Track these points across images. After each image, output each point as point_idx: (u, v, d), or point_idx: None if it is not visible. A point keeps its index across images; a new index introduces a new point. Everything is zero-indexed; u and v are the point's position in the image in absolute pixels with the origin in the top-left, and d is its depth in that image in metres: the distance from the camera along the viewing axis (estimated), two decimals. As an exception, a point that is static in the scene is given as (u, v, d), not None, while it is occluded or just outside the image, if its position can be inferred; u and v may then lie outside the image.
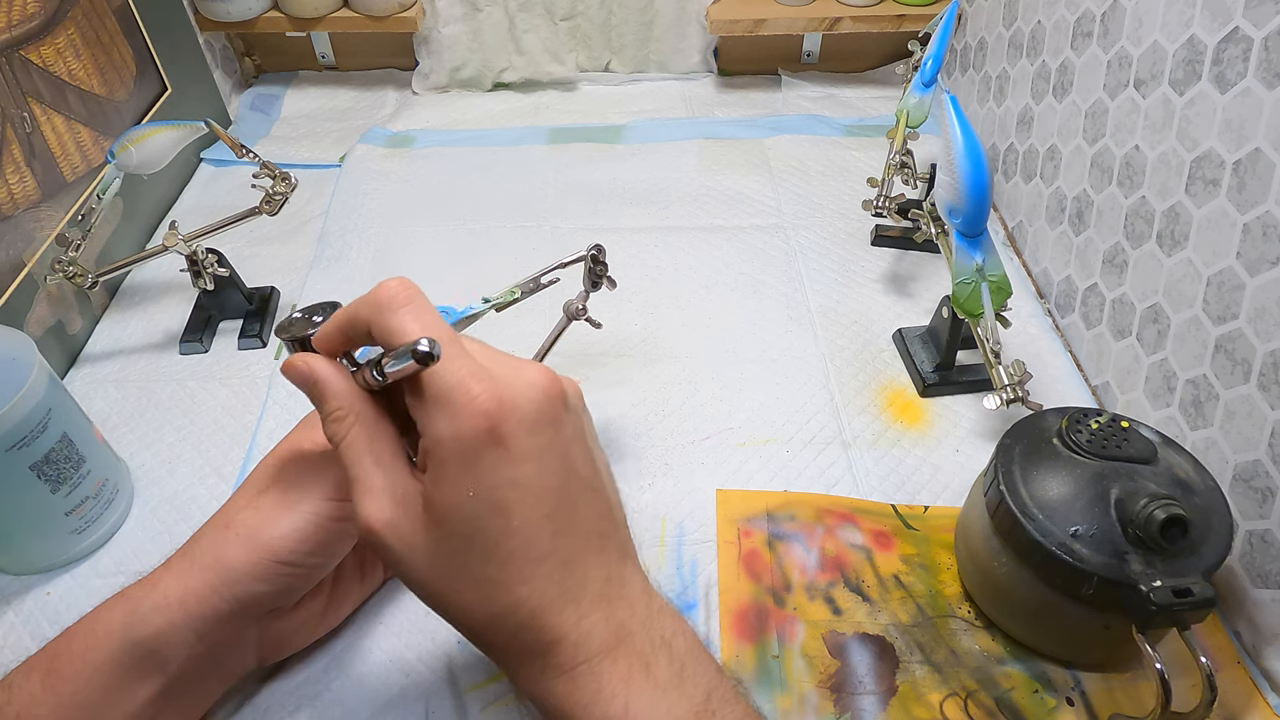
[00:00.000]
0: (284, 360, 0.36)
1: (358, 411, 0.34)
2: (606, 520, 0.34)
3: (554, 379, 0.33)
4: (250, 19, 0.91)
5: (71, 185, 0.67)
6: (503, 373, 0.32)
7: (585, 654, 0.32)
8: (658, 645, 0.33)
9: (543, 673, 0.33)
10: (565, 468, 0.32)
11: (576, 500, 0.33)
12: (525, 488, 0.31)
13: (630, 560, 0.35)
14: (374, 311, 0.33)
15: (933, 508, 0.54)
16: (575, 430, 0.34)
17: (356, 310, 0.34)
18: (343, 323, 0.35)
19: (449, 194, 0.83)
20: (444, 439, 0.31)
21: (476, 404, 0.30)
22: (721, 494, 0.55)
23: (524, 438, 0.31)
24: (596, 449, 0.35)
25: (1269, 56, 0.45)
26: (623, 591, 0.34)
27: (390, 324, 0.32)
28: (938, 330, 0.62)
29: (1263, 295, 0.46)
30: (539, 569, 0.32)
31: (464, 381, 0.31)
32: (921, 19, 0.90)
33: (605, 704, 0.32)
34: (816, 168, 0.85)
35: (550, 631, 0.32)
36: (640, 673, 0.32)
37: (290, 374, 0.35)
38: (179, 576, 0.38)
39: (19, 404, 0.45)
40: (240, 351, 0.67)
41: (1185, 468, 0.44)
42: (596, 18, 0.96)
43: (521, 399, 0.31)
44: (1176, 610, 0.39)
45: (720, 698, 0.33)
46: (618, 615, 0.33)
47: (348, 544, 0.42)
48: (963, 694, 0.45)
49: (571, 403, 0.34)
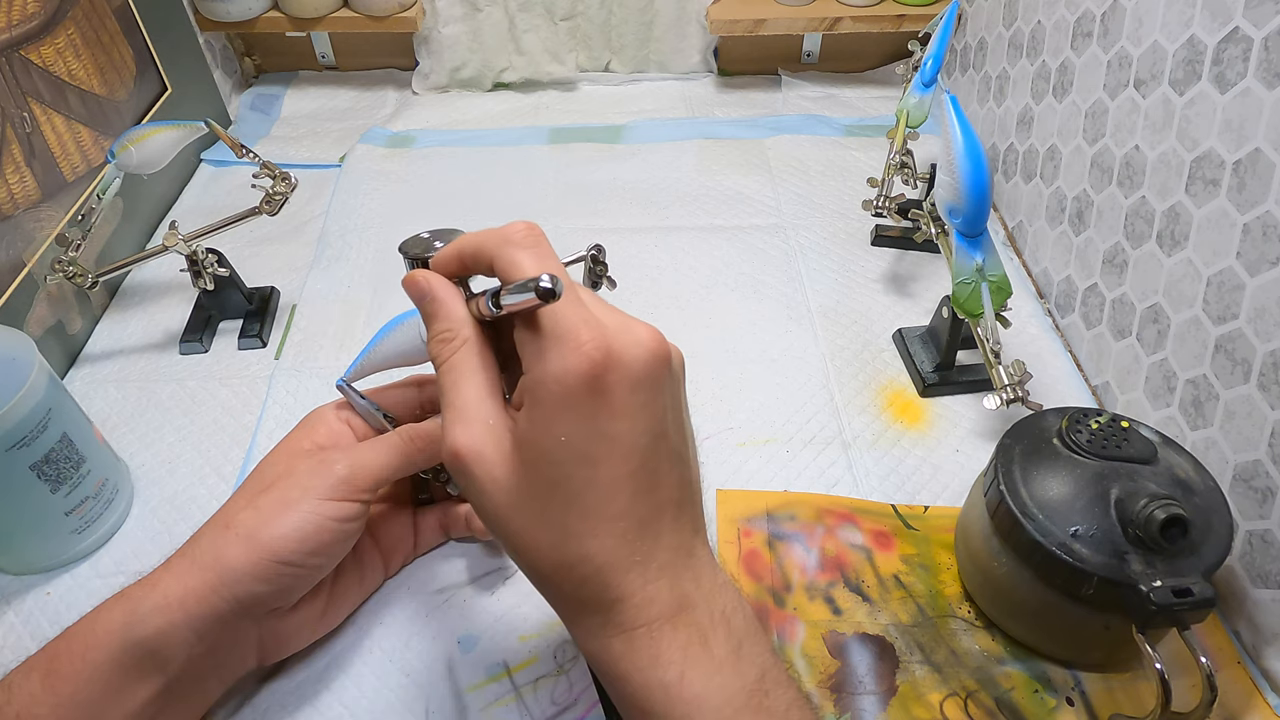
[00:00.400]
0: (406, 274, 0.36)
1: (466, 336, 0.34)
2: (685, 490, 0.34)
3: (663, 341, 0.33)
4: (250, 19, 0.91)
5: (71, 185, 0.67)
6: (614, 325, 0.32)
7: (646, 617, 0.32)
8: (717, 620, 0.33)
9: (602, 629, 0.33)
10: (658, 430, 0.32)
11: (661, 465, 0.33)
12: (617, 442, 0.31)
13: (701, 534, 0.35)
14: (500, 245, 0.33)
15: (933, 508, 0.54)
16: (674, 396, 0.34)
17: (482, 241, 0.34)
18: (466, 249, 0.35)
19: (449, 194, 0.83)
20: (548, 379, 0.31)
21: (584, 350, 0.30)
22: (721, 494, 0.55)
23: (625, 393, 0.31)
24: (688, 420, 0.35)
25: (1269, 56, 0.45)
26: (690, 562, 0.34)
27: (515, 258, 0.33)
28: (938, 330, 0.62)
29: (1263, 295, 0.46)
30: (614, 525, 0.32)
31: (576, 326, 0.31)
32: (921, 19, 0.90)
33: (661, 670, 0.32)
34: (816, 168, 0.85)
35: (615, 590, 0.32)
36: (698, 644, 0.32)
37: (410, 287, 0.36)
38: (179, 576, 0.38)
39: (19, 404, 0.45)
40: (240, 351, 0.67)
41: (1185, 468, 0.44)
42: (596, 18, 0.96)
43: (629, 354, 0.31)
44: (1176, 610, 0.39)
45: (774, 679, 0.33)
46: (683, 585, 0.33)
47: (348, 544, 0.42)
48: (963, 694, 0.45)
49: (675, 369, 0.34)
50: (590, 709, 0.44)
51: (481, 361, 0.34)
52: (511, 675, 0.46)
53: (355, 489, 0.41)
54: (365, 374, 0.48)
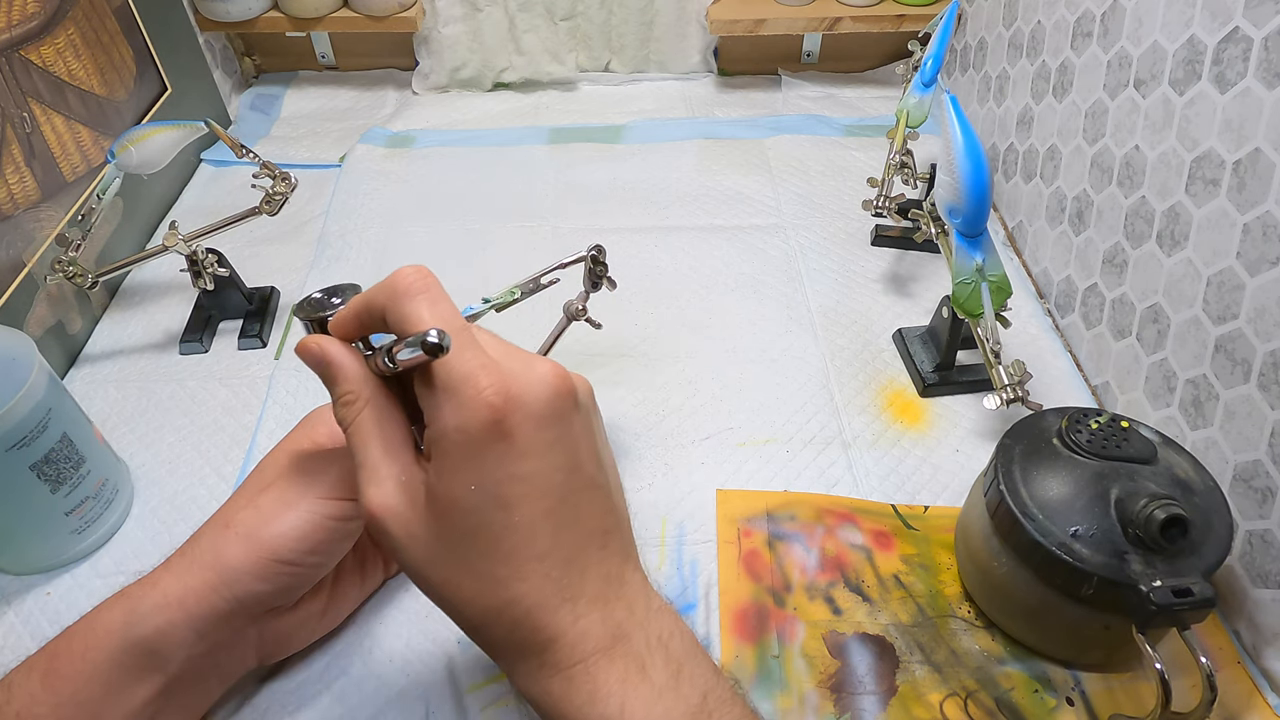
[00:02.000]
0: (299, 340, 0.36)
1: (367, 397, 0.34)
2: (609, 519, 0.34)
3: (564, 375, 0.33)
4: (250, 19, 0.91)
5: (71, 185, 0.67)
6: (513, 366, 0.32)
7: (581, 654, 0.32)
8: (654, 646, 0.33)
9: (539, 670, 0.32)
10: (570, 465, 0.32)
11: (580, 498, 0.33)
12: (529, 483, 0.31)
13: (631, 560, 0.35)
14: (389, 298, 0.33)
15: (933, 508, 0.54)
16: (583, 428, 0.33)
17: (373, 296, 0.34)
18: (359, 308, 0.35)
19: (449, 194, 0.83)
20: (449, 430, 0.31)
21: (483, 396, 0.30)
22: (721, 494, 0.55)
23: (530, 433, 0.31)
24: (604, 447, 0.35)
25: (1269, 56, 0.45)
26: (621, 592, 0.34)
27: (405, 311, 0.32)
28: (938, 330, 0.62)
29: (1263, 295, 0.46)
30: (538, 566, 0.32)
31: (473, 373, 0.31)
32: (921, 19, 0.90)
33: (601, 704, 0.31)
34: (816, 168, 0.85)
35: (546, 630, 0.32)
36: (636, 674, 0.32)
37: (304, 355, 0.35)
38: (178, 575, 0.38)
39: (19, 404, 0.45)
40: (240, 351, 0.67)
41: (1185, 468, 0.44)
42: (596, 18, 0.96)
43: (530, 394, 0.31)
44: (1176, 610, 0.39)
45: (717, 699, 0.33)
46: (615, 615, 0.33)
47: (347, 543, 0.42)
48: (963, 694, 0.45)
49: (581, 400, 0.34)
50: (590, 709, 0.44)
51: (387, 419, 0.34)
52: (511, 675, 0.46)
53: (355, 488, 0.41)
54: None
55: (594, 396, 0.35)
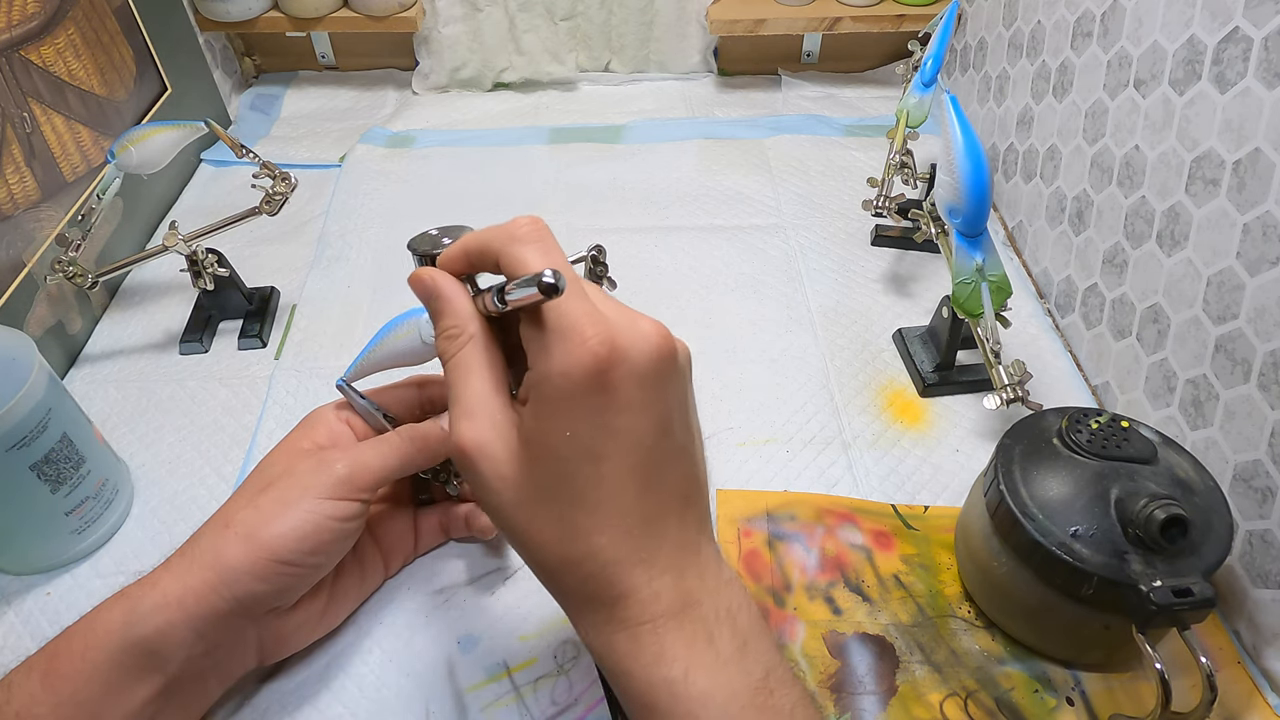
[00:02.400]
0: (411, 271, 0.36)
1: (471, 333, 0.34)
2: (691, 486, 0.34)
3: (668, 336, 0.33)
4: (250, 19, 0.91)
5: (71, 185, 0.67)
6: (620, 321, 0.32)
7: (651, 613, 0.32)
8: (723, 617, 0.33)
9: (607, 624, 0.33)
10: (663, 426, 0.32)
11: (667, 462, 0.33)
12: (623, 438, 0.31)
13: (706, 531, 0.35)
14: (505, 241, 0.33)
15: (933, 508, 0.54)
16: (680, 392, 0.34)
17: (488, 238, 0.34)
18: (471, 246, 0.35)
19: (449, 194, 0.83)
20: (552, 374, 0.31)
21: (589, 345, 0.30)
22: (721, 494, 0.55)
23: (630, 388, 0.31)
24: (695, 416, 0.35)
25: (1269, 56, 0.45)
26: (696, 559, 0.33)
27: (520, 254, 0.33)
28: (938, 330, 0.62)
29: (1263, 295, 0.46)
30: (620, 521, 0.32)
31: (580, 321, 0.31)
32: (921, 19, 0.90)
33: (666, 666, 0.31)
34: (816, 168, 0.85)
35: (620, 586, 0.32)
36: (703, 641, 0.32)
37: (416, 285, 0.36)
38: (178, 576, 0.38)
39: (19, 404, 0.45)
40: (240, 351, 0.67)
41: (1185, 468, 0.44)
42: (596, 18, 0.96)
43: (634, 349, 0.31)
44: (1176, 610, 0.39)
45: (779, 678, 0.33)
46: (688, 581, 0.33)
47: (347, 543, 0.42)
48: (963, 694, 0.45)
49: (681, 364, 0.34)
50: (591, 709, 0.44)
51: (488, 357, 0.34)
52: (511, 675, 0.46)
53: (355, 489, 0.41)
54: (365, 374, 0.48)
55: (691, 364, 0.35)
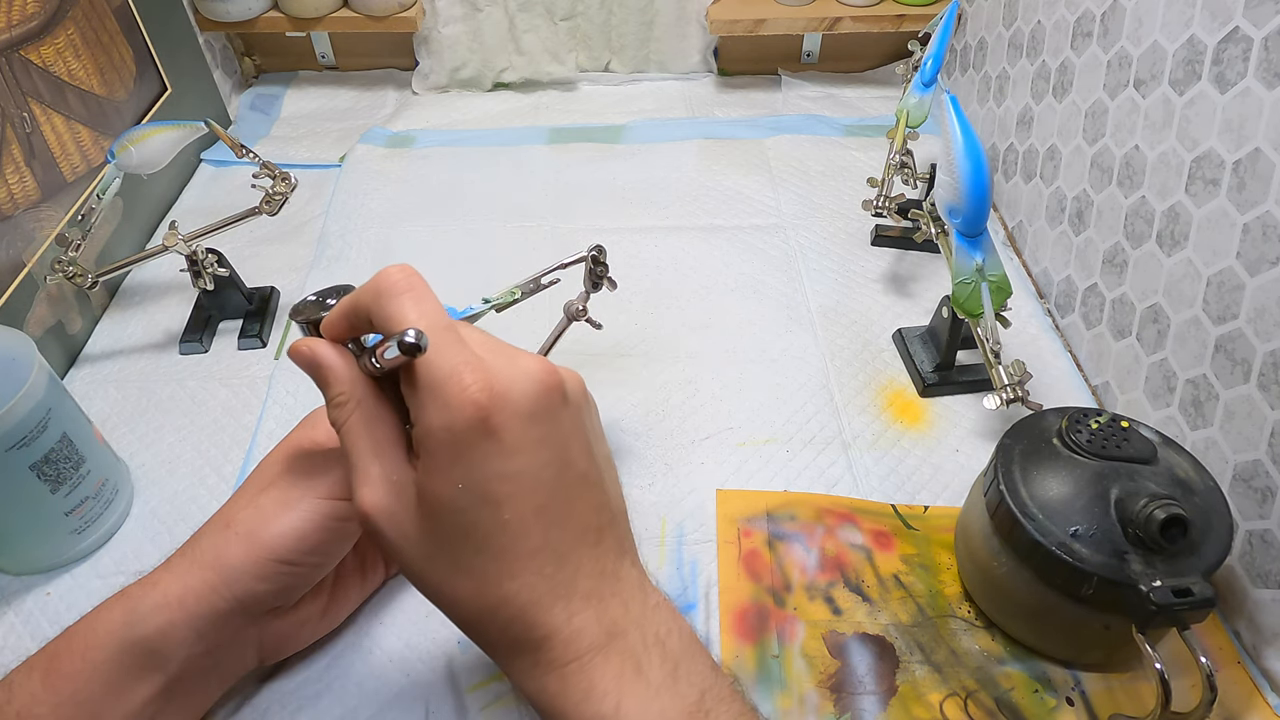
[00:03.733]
0: (291, 345, 0.36)
1: (358, 398, 0.34)
2: (603, 515, 0.34)
3: (551, 370, 0.32)
4: (250, 19, 0.91)
5: (71, 185, 0.67)
6: (498, 363, 0.31)
7: (576, 651, 0.32)
8: (651, 644, 0.33)
9: (534, 668, 0.32)
10: (560, 461, 0.32)
11: (571, 494, 0.32)
12: (517, 480, 0.31)
13: (627, 556, 0.35)
14: (374, 298, 0.33)
15: (933, 508, 0.54)
16: (573, 423, 0.33)
17: (359, 296, 0.34)
18: (346, 309, 0.35)
19: (449, 194, 0.83)
20: (434, 429, 0.31)
21: (468, 394, 0.30)
22: (721, 494, 0.55)
23: (517, 429, 0.31)
24: (597, 442, 0.35)
25: (1269, 56, 0.45)
26: (617, 588, 0.33)
27: (389, 311, 0.32)
28: (938, 330, 0.62)
29: (1263, 295, 0.46)
30: (530, 563, 0.31)
31: (457, 370, 0.30)
32: (921, 19, 0.90)
33: (597, 702, 0.31)
34: (816, 168, 0.85)
35: (541, 627, 0.32)
36: (632, 672, 0.32)
37: (295, 357, 0.35)
38: (179, 575, 0.38)
39: (19, 404, 0.45)
40: (240, 351, 0.67)
41: (1185, 468, 0.44)
42: (596, 18, 0.96)
43: (516, 390, 0.31)
44: (1176, 610, 0.39)
45: (715, 696, 0.33)
46: (610, 613, 0.33)
47: (348, 544, 0.42)
48: (963, 694, 0.45)
49: (571, 395, 0.33)
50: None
51: (378, 419, 0.34)
52: (511, 675, 0.46)
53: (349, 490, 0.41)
54: None
55: (585, 391, 0.35)
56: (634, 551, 0.35)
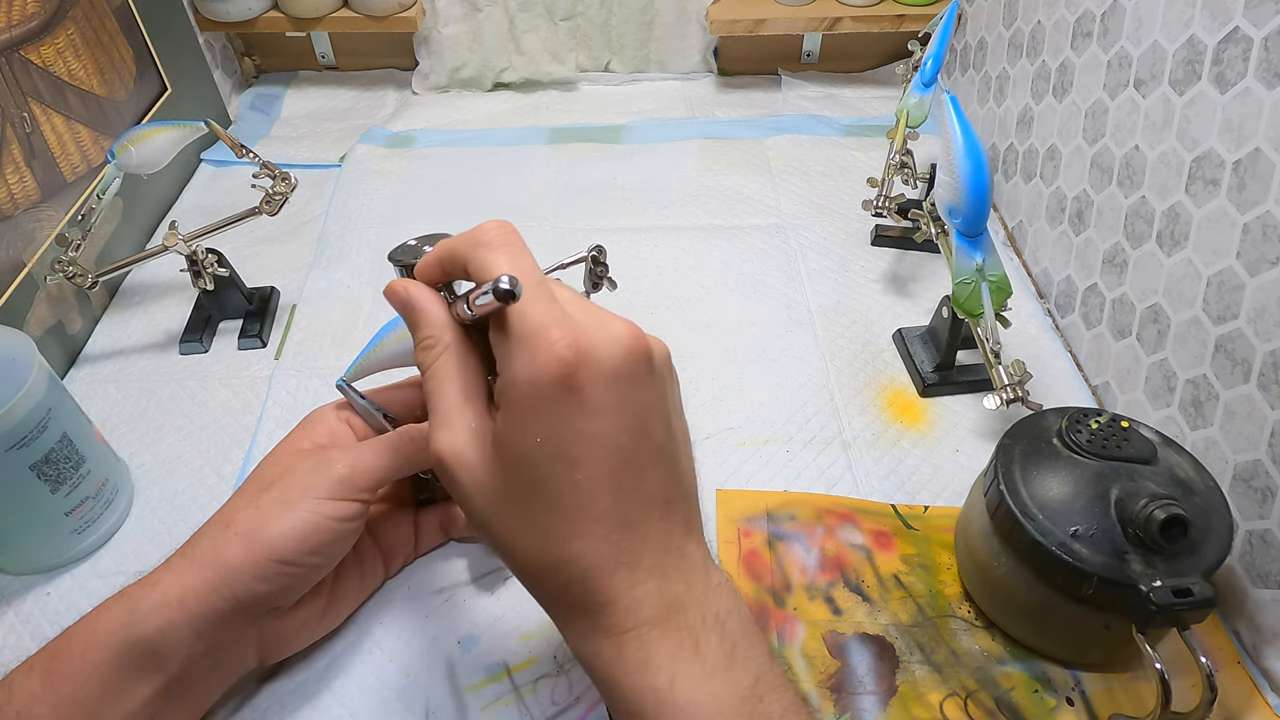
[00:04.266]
0: (388, 284, 0.36)
1: (446, 342, 0.34)
2: (674, 489, 0.33)
3: (640, 336, 0.32)
4: (250, 19, 0.91)
5: (71, 185, 0.67)
6: (588, 323, 0.31)
7: (634, 621, 0.32)
8: (710, 623, 0.32)
9: (592, 632, 0.32)
10: (639, 428, 0.32)
11: (646, 464, 0.32)
12: (594, 441, 0.31)
13: (694, 534, 0.34)
14: (471, 247, 0.33)
15: (933, 508, 0.54)
16: (655, 393, 0.33)
17: (455, 245, 0.34)
18: (442, 255, 0.35)
19: (449, 194, 0.83)
20: (518, 380, 0.31)
21: (555, 349, 0.30)
22: (721, 494, 0.55)
23: (600, 391, 0.30)
24: (677, 416, 0.35)
25: (1269, 56, 0.45)
26: (681, 564, 0.33)
27: (485, 259, 0.33)
28: (938, 330, 0.62)
29: (1263, 295, 0.46)
30: (597, 527, 0.31)
31: (545, 325, 0.30)
32: (921, 19, 0.90)
33: (651, 675, 0.31)
34: (816, 168, 0.85)
35: (602, 592, 0.32)
36: (689, 649, 0.32)
37: (391, 297, 0.36)
38: (179, 575, 0.38)
39: (19, 404, 0.45)
40: (240, 351, 0.67)
41: (1185, 468, 0.44)
42: (596, 18, 0.96)
43: (603, 351, 0.31)
44: (1176, 610, 0.39)
45: (769, 684, 0.32)
46: (672, 587, 0.32)
47: (348, 544, 0.42)
48: (963, 694, 0.45)
49: (657, 365, 0.33)
50: (591, 709, 0.44)
51: (463, 365, 0.34)
52: (511, 675, 0.46)
53: (355, 489, 0.41)
54: (365, 374, 0.48)
55: (671, 363, 0.35)
56: (700, 531, 0.35)
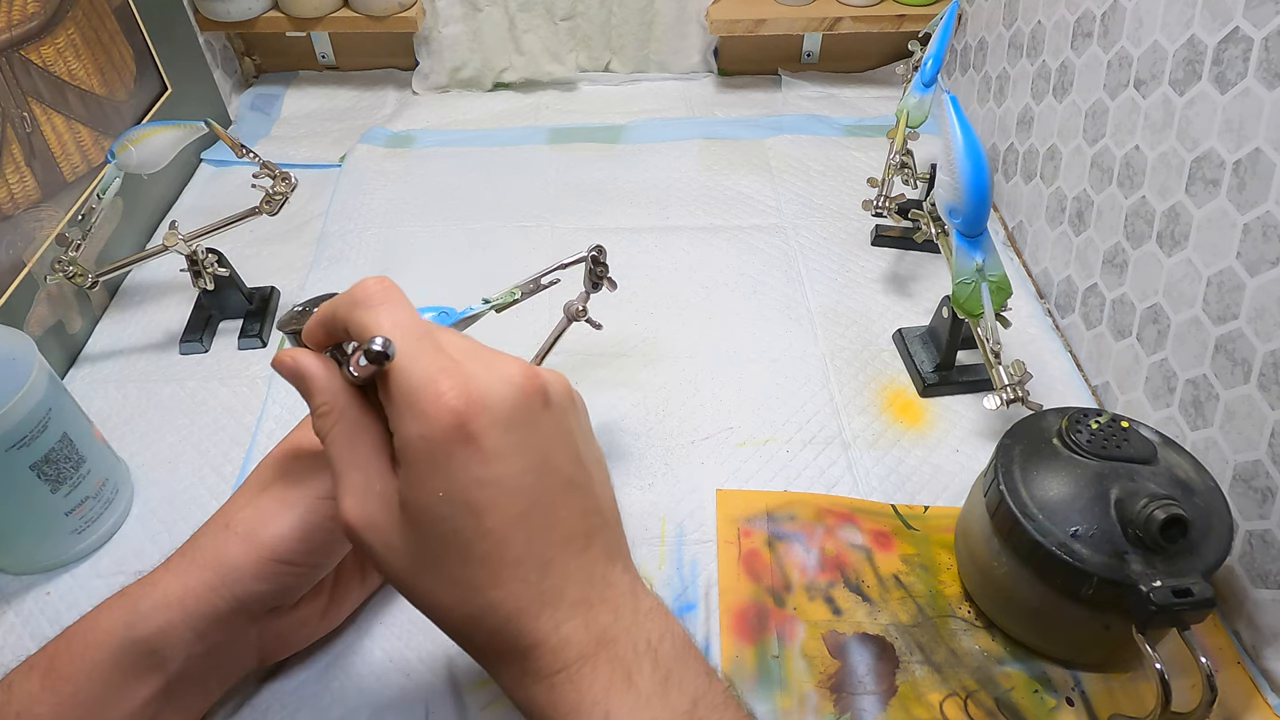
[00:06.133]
0: (274, 356, 0.35)
1: (341, 408, 0.33)
2: (592, 519, 0.33)
3: (531, 374, 0.32)
4: (250, 19, 0.91)
5: (71, 185, 0.67)
6: (476, 368, 0.31)
7: (563, 661, 0.31)
8: (642, 651, 0.32)
9: (523, 677, 0.32)
10: (542, 466, 0.31)
11: (556, 500, 0.32)
12: (498, 487, 0.30)
13: (618, 561, 0.34)
14: (349, 308, 0.33)
15: (933, 508, 0.54)
16: (557, 427, 0.33)
17: (335, 306, 0.34)
18: (324, 317, 0.34)
19: (449, 194, 0.83)
20: (412, 438, 0.30)
21: (444, 400, 0.29)
22: (721, 494, 0.55)
23: (496, 436, 0.30)
24: (585, 445, 0.34)
25: (1269, 56, 0.45)
26: (606, 595, 0.33)
27: (363, 320, 0.32)
28: (938, 330, 0.62)
29: (1263, 295, 0.46)
30: (514, 571, 0.31)
31: (432, 378, 0.30)
32: (921, 19, 0.90)
33: (586, 713, 0.31)
34: (816, 168, 0.85)
35: (527, 636, 0.31)
36: (621, 681, 0.31)
37: (279, 367, 0.35)
38: (179, 575, 0.38)
39: (19, 404, 0.45)
40: (240, 351, 0.67)
41: (1185, 468, 0.44)
42: (596, 18, 0.96)
43: (494, 395, 0.30)
44: (1176, 610, 0.39)
45: (709, 704, 0.32)
46: (599, 620, 0.32)
47: (347, 544, 0.42)
48: (963, 694, 0.45)
49: (554, 398, 0.33)
50: (590, 709, 0.44)
51: (359, 429, 0.33)
52: (511, 675, 0.46)
53: None
54: None
55: (570, 393, 0.35)
56: (626, 556, 0.35)
